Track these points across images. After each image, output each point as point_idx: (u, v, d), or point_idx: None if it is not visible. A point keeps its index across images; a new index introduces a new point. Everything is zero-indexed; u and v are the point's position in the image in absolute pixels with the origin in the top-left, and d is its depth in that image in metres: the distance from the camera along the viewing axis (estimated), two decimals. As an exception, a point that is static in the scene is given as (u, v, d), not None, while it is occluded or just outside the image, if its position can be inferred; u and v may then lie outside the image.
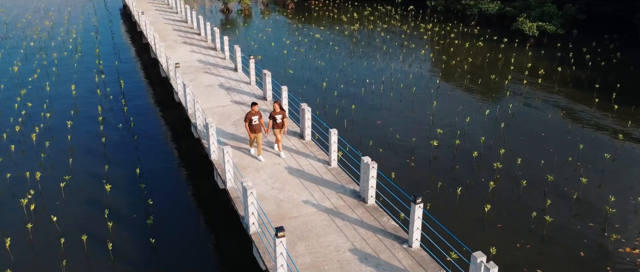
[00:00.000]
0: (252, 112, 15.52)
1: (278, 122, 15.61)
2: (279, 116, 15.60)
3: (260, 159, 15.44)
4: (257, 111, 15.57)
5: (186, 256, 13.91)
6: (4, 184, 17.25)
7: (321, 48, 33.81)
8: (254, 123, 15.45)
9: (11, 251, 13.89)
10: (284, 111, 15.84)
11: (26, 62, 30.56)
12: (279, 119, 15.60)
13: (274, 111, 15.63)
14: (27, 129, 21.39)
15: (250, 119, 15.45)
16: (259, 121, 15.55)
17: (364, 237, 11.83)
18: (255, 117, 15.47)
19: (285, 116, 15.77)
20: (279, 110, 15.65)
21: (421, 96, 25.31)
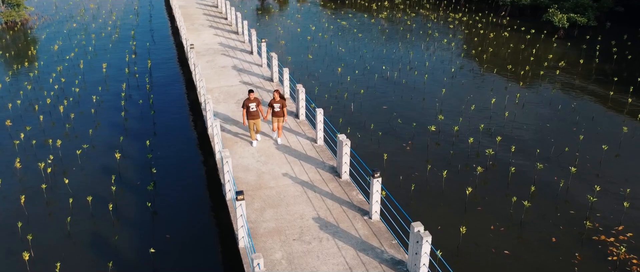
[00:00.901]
0: (250, 99, 15.52)
1: (277, 111, 15.56)
2: (278, 105, 15.51)
3: (256, 141, 15.82)
4: (254, 98, 15.58)
5: (179, 219, 15.15)
6: (29, 150, 19.06)
7: (345, 35, 34.44)
8: (252, 110, 15.53)
9: (25, 206, 15.57)
10: (284, 100, 15.66)
11: (67, 41, 32.80)
12: (277, 108, 15.52)
13: (273, 99, 15.55)
14: (58, 101, 23.28)
15: (248, 106, 15.51)
16: (257, 108, 15.58)
17: (329, 208, 12.65)
18: (252, 104, 15.51)
19: (284, 105, 15.59)
20: (279, 99, 15.52)
21: (433, 84, 25.62)
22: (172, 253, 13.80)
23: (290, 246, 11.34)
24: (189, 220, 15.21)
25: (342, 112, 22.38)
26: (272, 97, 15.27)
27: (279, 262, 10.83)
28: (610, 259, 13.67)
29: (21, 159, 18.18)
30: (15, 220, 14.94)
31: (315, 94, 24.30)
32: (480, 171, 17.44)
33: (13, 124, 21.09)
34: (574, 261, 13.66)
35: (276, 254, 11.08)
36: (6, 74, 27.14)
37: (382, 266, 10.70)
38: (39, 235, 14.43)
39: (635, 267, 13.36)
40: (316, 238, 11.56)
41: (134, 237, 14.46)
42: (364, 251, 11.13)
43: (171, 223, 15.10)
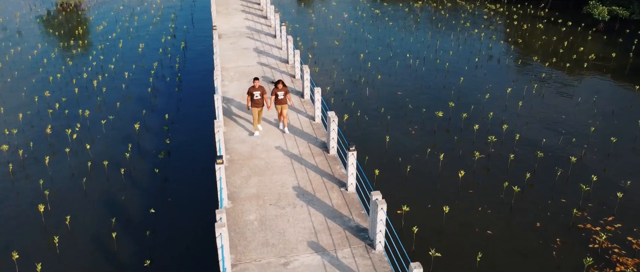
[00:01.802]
0: (254, 87, 15.42)
1: (280, 99, 15.47)
2: (281, 93, 15.44)
3: (258, 131, 15.65)
4: (259, 86, 15.49)
5: (183, 185, 16.32)
6: (61, 118, 20.81)
7: (376, 23, 34.77)
8: (256, 98, 15.43)
9: (48, 166, 17.20)
10: (287, 88, 15.63)
11: (112, 22, 34.89)
12: (281, 95, 15.44)
13: (277, 88, 15.45)
14: (94, 76, 25.07)
15: (252, 94, 15.43)
16: (261, 96, 15.50)
17: (311, 179, 13.39)
18: (256, 93, 15.42)
19: (288, 92, 15.57)
20: (282, 87, 15.46)
21: (453, 73, 25.68)
22: (170, 214, 14.97)
23: (266, 209, 12.18)
24: (191, 186, 16.35)
25: (357, 95, 22.94)
26: (274, 86, 15.42)
27: (252, 223, 11.70)
28: (591, 247, 13.72)
29: (52, 126, 19.92)
30: (38, 177, 16.57)
31: (334, 77, 24.96)
32: (479, 157, 17.62)
33: (51, 94, 22.99)
34: (554, 245, 13.81)
35: (250, 216, 11.95)
36: (53, 50, 29.34)
37: (345, 232, 11.36)
38: (57, 191, 15.97)
39: (615, 256, 13.37)
40: (291, 204, 12.35)
41: (140, 198, 15.74)
42: (332, 218, 11.82)
43: (176, 188, 16.29)
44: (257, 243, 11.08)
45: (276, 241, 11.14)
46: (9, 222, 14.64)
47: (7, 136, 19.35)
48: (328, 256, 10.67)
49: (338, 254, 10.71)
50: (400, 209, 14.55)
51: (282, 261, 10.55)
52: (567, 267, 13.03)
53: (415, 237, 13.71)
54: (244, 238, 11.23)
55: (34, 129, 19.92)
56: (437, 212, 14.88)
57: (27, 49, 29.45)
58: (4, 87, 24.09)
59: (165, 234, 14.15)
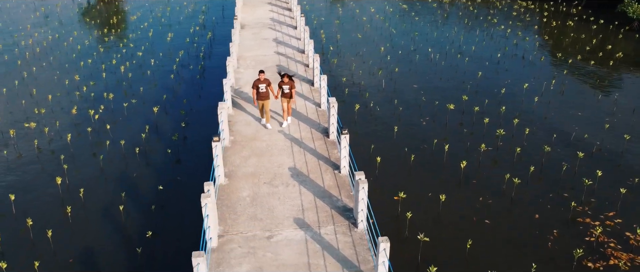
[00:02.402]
0: (260, 80, 15.33)
1: (286, 92, 15.42)
2: (287, 86, 15.37)
3: (268, 127, 15.68)
4: (264, 79, 15.37)
5: (193, 165, 17.05)
6: (88, 100, 21.94)
7: (402, 18, 34.80)
8: (261, 91, 15.39)
9: (70, 144, 18.25)
10: (293, 82, 15.61)
11: (146, 13, 36.20)
12: (286, 89, 15.38)
13: (282, 82, 15.43)
14: (122, 63, 26.21)
15: (258, 86, 15.40)
16: (267, 89, 15.43)
17: (307, 161, 13.82)
18: (262, 85, 15.35)
19: (293, 87, 15.46)
20: (287, 80, 15.45)
21: (473, 67, 25.56)
22: (177, 192, 15.68)
23: (259, 187, 12.69)
24: (201, 167, 17.00)
25: (373, 87, 23.19)
26: (281, 79, 15.44)
27: (244, 199, 12.23)
28: (587, 240, 13.62)
29: (78, 107, 21.05)
30: (59, 153, 17.62)
31: (352, 69, 25.26)
32: (485, 149, 17.63)
33: (80, 78, 24.22)
34: (550, 237, 13.78)
35: (244, 193, 12.49)
36: (87, 38, 30.77)
37: (332, 211, 11.75)
38: (75, 166, 16.96)
39: (610, 250, 13.25)
40: (284, 183, 12.82)
41: (150, 176, 16.54)
42: (321, 198, 12.21)
43: (186, 168, 17.01)
44: (245, 217, 11.60)
45: (264, 216, 11.63)
46: (29, 192, 15.68)
47: (36, 114, 20.58)
48: (311, 232, 11.08)
49: (321, 230, 11.11)
50: (401, 195, 14.78)
51: (266, 235, 11.03)
52: (559, 258, 13.00)
53: (409, 223, 13.95)
54: (234, 212, 11.77)
55: (61, 109, 21.09)
56: (436, 200, 15.04)
57: (64, 36, 30.98)
58: (39, 70, 25.50)
59: (170, 209, 14.86)
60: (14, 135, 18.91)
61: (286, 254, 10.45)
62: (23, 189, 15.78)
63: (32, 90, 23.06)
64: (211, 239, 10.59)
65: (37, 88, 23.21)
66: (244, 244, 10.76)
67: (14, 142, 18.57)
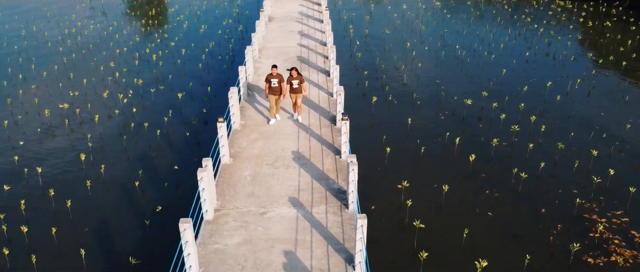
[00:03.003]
0: (272, 75, 15.31)
1: (295, 88, 15.35)
2: (296, 81, 15.26)
3: (275, 119, 15.68)
4: (276, 74, 15.31)
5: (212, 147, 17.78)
6: (120, 86, 23.08)
7: (434, 15, 34.67)
8: (273, 85, 15.34)
9: (98, 125, 19.32)
10: (301, 76, 15.43)
11: (183, 5, 37.49)
12: (296, 84, 15.28)
13: (291, 77, 15.26)
14: (155, 52, 27.35)
15: (270, 81, 15.36)
16: (279, 84, 15.36)
17: (310, 146, 14.23)
18: (274, 80, 15.31)
19: (302, 81, 15.32)
20: (296, 75, 15.29)
21: (497, 65, 25.31)
22: (190, 171, 16.37)
23: (261, 168, 13.20)
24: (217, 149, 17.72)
25: (394, 81, 23.35)
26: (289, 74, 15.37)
27: (245, 178, 12.77)
28: (590, 236, 13.45)
29: (109, 91, 22.20)
30: (87, 132, 18.70)
31: (376, 63, 25.49)
32: (497, 144, 17.57)
33: (114, 65, 25.48)
34: (553, 231, 13.66)
35: (245, 172, 13.02)
36: (126, 28, 32.21)
37: (327, 193, 12.11)
38: (100, 145, 17.97)
39: (613, 247, 13.05)
40: (284, 165, 13.28)
41: (168, 157, 17.32)
42: (318, 180, 12.60)
43: (203, 150, 17.71)
44: (243, 194, 12.12)
45: (261, 194, 12.12)
46: (55, 166, 16.76)
47: (70, 96, 21.84)
48: (304, 210, 11.48)
49: (313, 210, 11.50)
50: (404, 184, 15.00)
51: (261, 211, 11.51)
52: (558, 252, 12.89)
53: (409, 211, 14.14)
54: (234, 189, 12.32)
55: (93, 93, 22.30)
56: (439, 190, 15.14)
57: (105, 25, 32.53)
58: (77, 56, 26.95)
59: (182, 188, 15.58)
60: (49, 114, 20.16)
61: (276, 229, 10.90)
62: (50, 164, 16.87)
63: (69, 74, 24.43)
64: (207, 212, 11.16)
65: (74, 73, 24.57)
66: (238, 218, 11.28)
67: (49, 120, 19.80)
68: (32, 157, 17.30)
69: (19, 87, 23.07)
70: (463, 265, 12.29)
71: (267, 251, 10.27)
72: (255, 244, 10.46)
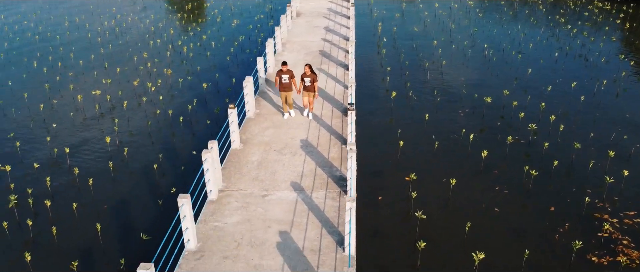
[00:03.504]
0: (282, 71, 15.29)
1: (307, 85, 15.24)
2: (308, 79, 15.15)
3: (288, 114, 15.72)
4: (287, 70, 15.31)
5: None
6: (151, 75, 24.04)
7: (466, 14, 34.39)
8: (283, 81, 15.33)
9: (126, 111, 20.25)
10: (315, 75, 15.29)
11: (217, 2, 38.48)
12: (308, 82, 15.17)
13: (304, 73, 15.22)
14: (186, 44, 28.28)
15: (280, 77, 15.35)
16: (289, 81, 15.34)
17: (319, 135, 14.59)
18: (284, 76, 15.27)
19: (315, 80, 15.18)
20: (310, 73, 15.18)
21: (524, 64, 24.97)
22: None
23: (268, 154, 13.66)
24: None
25: (416, 77, 23.42)
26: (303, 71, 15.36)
27: (252, 163, 13.25)
28: (598, 235, 13.27)
29: (140, 80, 23.19)
30: (115, 117, 19.65)
31: (401, 60, 25.59)
32: (511, 141, 17.46)
33: (147, 55, 26.53)
34: (560, 229, 13.55)
35: (253, 157, 13.51)
36: (161, 21, 33.39)
37: (328, 179, 12.45)
38: (126, 129, 18.86)
39: (621, 247, 12.85)
40: (291, 152, 13.69)
41: (188, 143, 18.01)
42: (322, 167, 12.95)
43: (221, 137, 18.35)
44: (248, 178, 12.60)
45: (265, 178, 12.57)
46: (82, 147, 17.71)
47: (103, 84, 22.94)
48: (304, 194, 11.86)
49: (313, 194, 11.86)
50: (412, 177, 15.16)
51: (262, 193, 11.96)
52: (562, 249, 12.78)
53: (414, 202, 14.30)
54: (240, 173, 12.82)
55: (125, 81, 23.35)
56: (447, 184, 15.21)
57: (142, 18, 33.82)
58: (114, 47, 28.19)
59: (198, 171, 16.19)
60: (81, 99, 21.27)
61: (275, 210, 11.32)
62: (78, 146, 17.84)
63: (105, 63, 25.62)
64: (211, 192, 11.69)
65: (109, 62, 25.74)
66: (240, 199, 11.76)
67: (82, 106, 20.89)
68: (63, 138, 18.33)
69: (57, 73, 24.38)
70: (461, 257, 12.38)
71: (264, 230, 10.70)
72: (253, 224, 10.90)
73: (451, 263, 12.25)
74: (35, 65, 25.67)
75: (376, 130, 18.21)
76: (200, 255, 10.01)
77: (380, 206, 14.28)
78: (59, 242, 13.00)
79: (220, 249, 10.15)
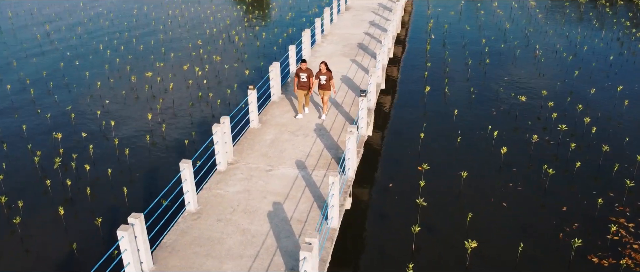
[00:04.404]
0: (301, 69, 15.02)
1: (322, 84, 14.95)
2: (324, 77, 14.85)
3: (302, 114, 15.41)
4: (306, 68, 15.04)
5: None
6: (197, 60, 25.57)
7: (524, 13, 33.48)
8: (302, 80, 15.09)
9: (172, 92, 21.78)
10: (330, 73, 14.94)
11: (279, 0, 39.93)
12: (323, 80, 14.88)
13: (320, 71, 14.89)
14: (238, 34, 29.64)
15: (299, 75, 15.10)
16: (307, 79, 15.06)
17: (335, 120, 15.13)
18: (303, 75, 15.03)
19: (331, 77, 14.85)
20: (325, 70, 14.83)
21: (574, 66, 24.15)
22: (235, 137, 18.09)
23: (282, 135, 14.42)
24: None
25: (458, 75, 23.28)
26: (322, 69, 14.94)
27: (265, 141, 14.07)
28: (607, 237, 12.95)
29: (190, 65, 24.74)
30: (161, 96, 21.19)
31: (444, 56, 25.53)
32: (536, 140, 17.17)
33: (201, 43, 28.15)
34: (567, 228, 13.34)
35: (268, 136, 14.32)
36: (220, 12, 35.06)
37: (332, 160, 13.01)
38: (168, 107, 20.32)
39: (629, 250, 12.49)
40: (304, 134, 14.37)
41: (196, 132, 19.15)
42: (328, 149, 13.53)
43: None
44: (258, 154, 13.43)
45: (274, 155, 13.34)
46: (126, 122, 19.28)
47: (156, 67, 24.71)
48: (305, 172, 12.51)
49: (313, 172, 12.48)
50: (424, 166, 15.41)
51: (267, 168, 12.74)
52: (564, 248, 12.61)
53: (421, 190, 14.56)
54: (251, 149, 13.68)
55: (177, 65, 25.00)
56: (459, 177, 15.30)
57: (204, 9, 35.73)
58: (174, 34, 30.10)
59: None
60: (134, 80, 23.08)
61: (274, 184, 12.07)
62: (123, 120, 19.47)
63: (161, 49, 27.48)
64: (220, 163, 12.62)
65: (165, 47, 27.59)
66: (246, 172, 12.61)
67: (134, 86, 22.68)
68: (111, 113, 20.06)
69: (117, 56, 26.49)
70: (456, 244, 12.54)
71: (259, 200, 11.47)
72: (252, 194, 11.71)
73: (444, 249, 12.46)
74: (100, 47, 27.97)
75: (406, 122, 18.53)
76: (197, 216, 10.94)
77: (390, 192, 14.67)
78: (90, 201, 14.46)
79: (216, 213, 11.03)
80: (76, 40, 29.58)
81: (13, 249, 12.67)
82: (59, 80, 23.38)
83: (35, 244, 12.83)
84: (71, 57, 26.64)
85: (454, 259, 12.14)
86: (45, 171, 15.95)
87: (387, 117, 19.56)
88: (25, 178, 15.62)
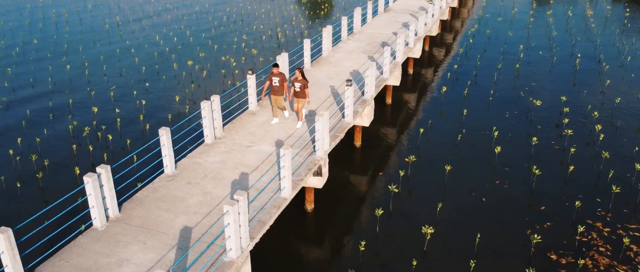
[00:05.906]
0: (273, 74, 14.64)
1: (297, 91, 14.53)
2: (299, 84, 14.43)
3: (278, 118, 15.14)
4: (278, 73, 14.62)
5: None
6: (221, 50, 27.36)
7: (578, 22, 32.37)
8: (274, 85, 14.66)
9: (199, 77, 23.64)
10: (306, 81, 14.45)
11: None
12: (298, 88, 14.46)
13: (295, 78, 14.51)
14: (283, 31, 31.20)
15: (271, 80, 14.68)
16: (280, 84, 14.61)
17: (330, 108, 16.06)
18: (275, 79, 14.62)
19: (306, 86, 14.40)
20: (300, 78, 14.42)
21: (607, 75, 23.33)
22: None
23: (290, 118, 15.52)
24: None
25: (484, 79, 23.20)
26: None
27: (257, 122, 15.25)
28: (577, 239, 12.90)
29: (228, 56, 26.57)
30: (194, 81, 23.08)
31: (475, 60, 25.53)
32: (536, 142, 17.09)
33: (246, 38, 29.96)
34: (537, 226, 13.34)
35: (261, 119, 15.46)
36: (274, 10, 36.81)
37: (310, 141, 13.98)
38: (199, 89, 22.13)
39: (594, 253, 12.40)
40: (295, 119, 15.41)
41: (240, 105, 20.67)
42: (312, 132, 14.49)
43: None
44: (245, 132, 14.65)
45: (259, 134, 14.50)
46: (157, 101, 21.23)
47: (198, 57, 26.76)
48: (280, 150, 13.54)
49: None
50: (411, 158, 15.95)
51: (248, 145, 13.92)
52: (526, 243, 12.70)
53: (402, 180, 15.11)
54: (242, 128, 14.92)
55: (218, 56, 26.91)
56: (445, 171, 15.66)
57: (259, 7, 37.66)
58: (225, 29, 32.20)
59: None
60: (176, 67, 25.19)
61: (249, 158, 13.23)
62: (154, 100, 21.45)
63: (208, 42, 29.58)
64: (207, 136, 13.98)
65: (212, 41, 29.66)
66: (229, 146, 13.87)
67: (176, 72, 24.76)
68: (147, 94, 22.14)
69: (168, 46, 28.87)
70: (416, 230, 13.01)
71: (230, 170, 12.68)
72: (225, 164, 12.94)
73: (403, 234, 13.01)
74: (157, 38, 30.58)
75: (414, 118, 19.10)
76: (172, 179, 12.34)
77: (378, 179, 15.40)
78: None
79: (189, 177, 12.37)
80: (138, 33, 32.44)
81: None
82: (113, 65, 25.99)
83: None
84: (129, 45, 29.38)
85: (414, 243, 12.64)
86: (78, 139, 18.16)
87: (398, 113, 20.13)
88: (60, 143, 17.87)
